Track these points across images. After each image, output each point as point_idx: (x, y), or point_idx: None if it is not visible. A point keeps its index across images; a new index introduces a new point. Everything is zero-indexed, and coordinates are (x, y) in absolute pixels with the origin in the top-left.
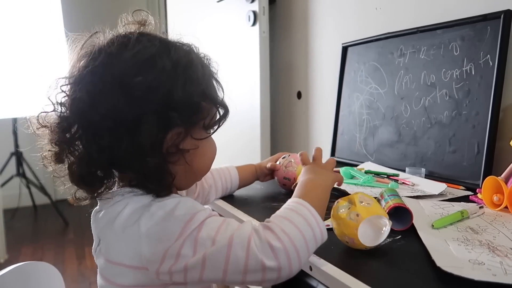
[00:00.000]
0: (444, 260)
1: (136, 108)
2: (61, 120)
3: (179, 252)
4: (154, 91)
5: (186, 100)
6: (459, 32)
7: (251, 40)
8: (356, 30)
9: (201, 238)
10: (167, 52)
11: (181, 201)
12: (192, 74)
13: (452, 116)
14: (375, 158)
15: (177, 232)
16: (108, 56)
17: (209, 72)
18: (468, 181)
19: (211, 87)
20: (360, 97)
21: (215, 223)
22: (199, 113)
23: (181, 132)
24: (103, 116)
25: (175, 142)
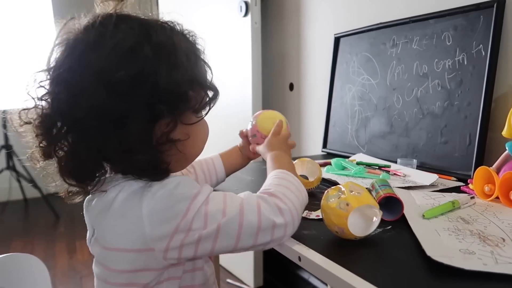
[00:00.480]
0: (434, 250)
1: (121, 104)
2: (44, 118)
3: (190, 227)
4: (138, 84)
5: (172, 90)
6: (452, 21)
7: (243, 31)
8: (349, 21)
9: (211, 212)
10: (148, 37)
11: (182, 179)
12: (176, 60)
13: (444, 106)
14: (367, 150)
15: (183, 209)
16: (86, 48)
17: (195, 53)
18: (459, 172)
19: (198, 71)
20: (352, 88)
21: (219, 197)
22: (187, 101)
23: (170, 122)
24: (86, 113)
25: (164, 133)
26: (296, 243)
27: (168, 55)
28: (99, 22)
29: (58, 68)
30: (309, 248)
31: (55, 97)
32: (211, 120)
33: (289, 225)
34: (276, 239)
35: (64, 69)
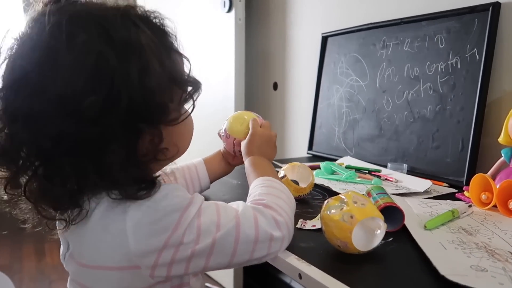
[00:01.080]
0: (446, 268)
1: (93, 130)
2: (4, 144)
3: (181, 241)
4: (111, 105)
5: (149, 102)
6: (445, 24)
7: (226, 27)
8: (337, 20)
9: (204, 224)
10: (109, 42)
11: (171, 188)
12: (148, 64)
13: (436, 110)
14: (354, 153)
15: (174, 221)
16: (39, 69)
17: (166, 47)
18: (451, 177)
19: (174, 68)
20: (340, 89)
21: (211, 207)
22: (167, 110)
23: (154, 136)
24: (54, 142)
25: (150, 150)
26: (296, 258)
27: (137, 60)
28: (49, 31)
29: (8, 89)
30: (309, 264)
31: (12, 120)
32: (193, 118)
33: (286, 238)
34: (272, 253)
35: (17, 88)
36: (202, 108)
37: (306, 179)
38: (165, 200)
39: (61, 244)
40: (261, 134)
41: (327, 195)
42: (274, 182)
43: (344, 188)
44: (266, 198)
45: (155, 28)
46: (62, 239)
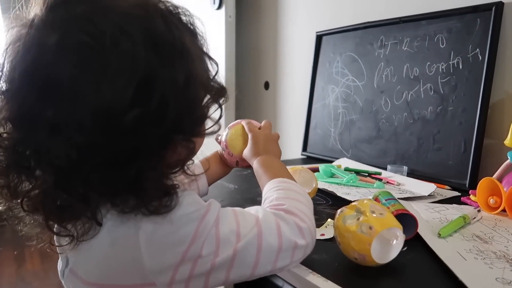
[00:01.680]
0: (473, 282)
1: (130, 143)
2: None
3: (200, 254)
4: (155, 120)
5: (191, 113)
6: (446, 23)
7: (216, 24)
8: (332, 18)
9: (223, 234)
10: (155, 48)
11: (185, 196)
12: (191, 69)
13: (437, 112)
14: (351, 154)
15: (191, 232)
16: (69, 74)
17: (201, 49)
18: (453, 180)
19: (208, 73)
20: (335, 89)
21: (229, 215)
22: (205, 122)
23: (185, 147)
24: (82, 153)
25: (179, 161)
26: (310, 272)
27: (182, 67)
28: (80, 29)
29: (22, 89)
30: (326, 279)
31: (27, 130)
32: None
33: (309, 245)
34: (295, 261)
35: (42, 98)
36: None
37: (309, 183)
38: (179, 209)
39: (60, 259)
40: (263, 133)
41: (330, 199)
42: (291, 184)
43: (347, 193)
44: (286, 202)
45: (188, 29)
46: (61, 254)
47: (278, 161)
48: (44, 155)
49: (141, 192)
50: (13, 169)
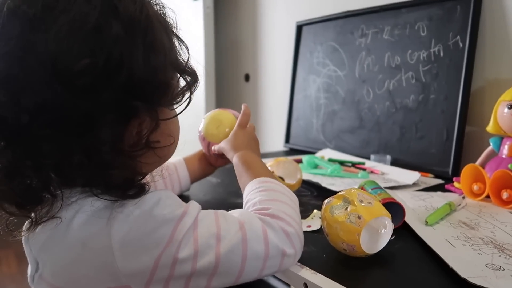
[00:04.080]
0: (464, 269)
1: (84, 103)
2: None
3: (176, 257)
4: (108, 76)
5: (151, 80)
6: (426, 11)
7: (194, 16)
8: (312, 8)
9: (201, 237)
10: (114, 10)
11: (162, 195)
12: (155, 39)
13: (419, 100)
14: (334, 145)
15: (166, 235)
16: (28, 26)
17: (170, 28)
18: (436, 168)
19: (177, 52)
20: (317, 80)
21: (209, 216)
22: (169, 93)
23: (148, 121)
24: (33, 119)
25: (143, 136)
26: (298, 265)
27: (144, 33)
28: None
29: None
30: (315, 272)
31: None
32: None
33: (298, 252)
34: (282, 269)
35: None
36: None
37: (293, 175)
38: (155, 209)
39: (29, 263)
40: (246, 129)
41: (315, 191)
42: (274, 184)
43: (332, 183)
44: (271, 206)
45: (158, 8)
46: (30, 257)
47: (258, 158)
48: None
49: (100, 170)
50: None
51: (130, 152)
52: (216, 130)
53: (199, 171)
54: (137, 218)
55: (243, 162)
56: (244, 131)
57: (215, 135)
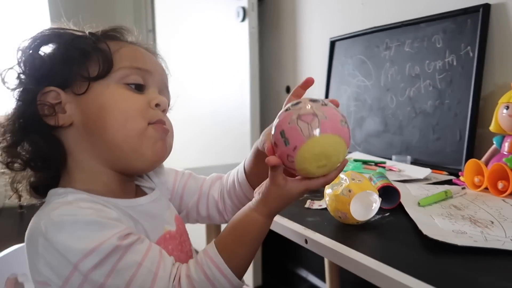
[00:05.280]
0: (430, 230)
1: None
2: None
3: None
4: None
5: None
6: (441, 25)
7: (241, 36)
8: (343, 25)
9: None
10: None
11: (80, 212)
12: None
13: (435, 105)
14: (362, 148)
15: (67, 269)
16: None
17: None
18: (451, 166)
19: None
20: (347, 89)
21: (129, 264)
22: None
23: (52, 91)
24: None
25: (48, 104)
26: (302, 228)
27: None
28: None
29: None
30: (314, 231)
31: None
32: (209, 125)
33: None
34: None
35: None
36: (219, 114)
37: None
38: (60, 233)
39: None
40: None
41: None
42: (219, 274)
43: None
44: (195, 281)
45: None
46: None
47: (264, 229)
48: None
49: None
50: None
51: (44, 125)
52: (316, 169)
53: (259, 172)
54: (48, 232)
55: (245, 225)
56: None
57: (311, 174)
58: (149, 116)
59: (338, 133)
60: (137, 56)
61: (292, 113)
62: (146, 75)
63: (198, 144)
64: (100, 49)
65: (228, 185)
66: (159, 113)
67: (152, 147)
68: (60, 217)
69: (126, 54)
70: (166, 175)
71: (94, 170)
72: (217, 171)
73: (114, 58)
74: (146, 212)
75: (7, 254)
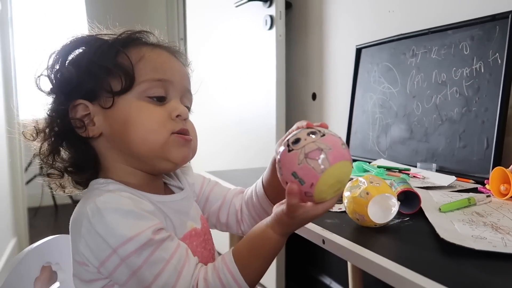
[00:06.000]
0: (448, 234)
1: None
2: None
3: (111, 273)
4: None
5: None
6: (469, 32)
7: (268, 43)
8: (370, 32)
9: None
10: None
11: (119, 199)
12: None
13: (462, 112)
14: (387, 155)
15: (106, 252)
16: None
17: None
18: (477, 175)
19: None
20: (373, 96)
21: (159, 259)
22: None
23: (81, 104)
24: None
25: (79, 116)
26: (320, 228)
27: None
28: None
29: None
30: (332, 232)
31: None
32: (236, 131)
33: None
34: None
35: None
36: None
37: None
38: (104, 217)
39: None
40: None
41: None
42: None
43: None
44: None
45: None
46: None
47: (279, 246)
48: None
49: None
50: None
51: (73, 131)
52: (332, 194)
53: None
54: (93, 215)
55: (262, 242)
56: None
57: (328, 199)
58: (171, 127)
59: (344, 158)
60: (158, 66)
61: (298, 153)
62: (167, 85)
63: (225, 150)
64: (121, 66)
65: (246, 196)
66: (180, 123)
67: (176, 152)
68: (103, 203)
69: (148, 65)
70: (194, 178)
71: (126, 170)
72: (243, 175)
73: (136, 70)
74: (175, 208)
75: (42, 243)
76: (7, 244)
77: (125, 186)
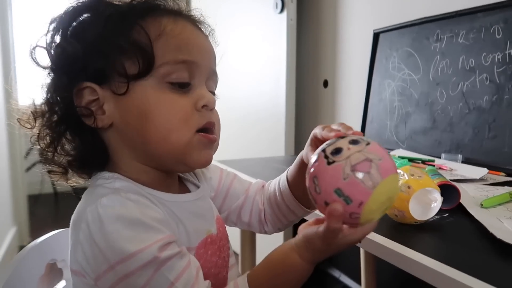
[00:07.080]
0: (503, 234)
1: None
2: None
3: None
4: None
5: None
6: (502, 14)
7: (278, 27)
8: (389, 16)
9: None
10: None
11: (124, 202)
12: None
13: (492, 101)
14: (406, 145)
15: (103, 266)
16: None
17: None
18: (509, 167)
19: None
20: (392, 84)
21: (162, 282)
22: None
23: (88, 87)
24: None
25: (85, 102)
26: None
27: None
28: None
29: None
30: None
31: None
32: (245, 118)
33: None
34: None
35: None
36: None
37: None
38: (107, 226)
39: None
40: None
41: None
42: None
43: None
44: None
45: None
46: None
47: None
48: None
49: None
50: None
51: (78, 118)
52: (380, 215)
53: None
54: (94, 223)
55: (291, 263)
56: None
57: (370, 220)
58: (196, 122)
59: (394, 171)
60: (182, 44)
61: (343, 166)
62: (193, 68)
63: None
64: (137, 44)
65: (269, 193)
66: (207, 115)
67: (198, 155)
68: (105, 208)
69: (170, 42)
70: (211, 172)
71: (137, 167)
72: (255, 164)
73: (156, 49)
74: (190, 210)
75: (46, 239)
76: (7, 233)
77: (133, 183)
